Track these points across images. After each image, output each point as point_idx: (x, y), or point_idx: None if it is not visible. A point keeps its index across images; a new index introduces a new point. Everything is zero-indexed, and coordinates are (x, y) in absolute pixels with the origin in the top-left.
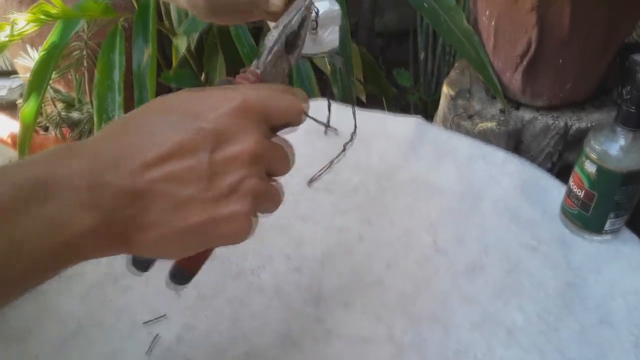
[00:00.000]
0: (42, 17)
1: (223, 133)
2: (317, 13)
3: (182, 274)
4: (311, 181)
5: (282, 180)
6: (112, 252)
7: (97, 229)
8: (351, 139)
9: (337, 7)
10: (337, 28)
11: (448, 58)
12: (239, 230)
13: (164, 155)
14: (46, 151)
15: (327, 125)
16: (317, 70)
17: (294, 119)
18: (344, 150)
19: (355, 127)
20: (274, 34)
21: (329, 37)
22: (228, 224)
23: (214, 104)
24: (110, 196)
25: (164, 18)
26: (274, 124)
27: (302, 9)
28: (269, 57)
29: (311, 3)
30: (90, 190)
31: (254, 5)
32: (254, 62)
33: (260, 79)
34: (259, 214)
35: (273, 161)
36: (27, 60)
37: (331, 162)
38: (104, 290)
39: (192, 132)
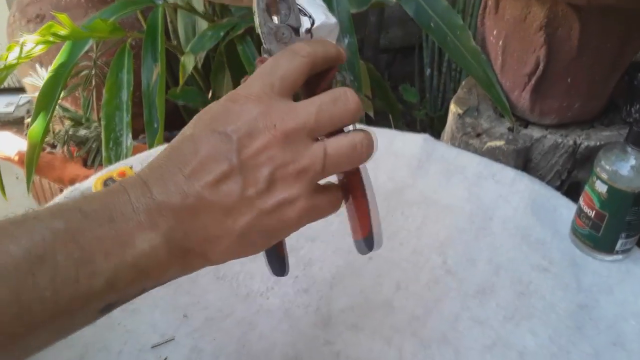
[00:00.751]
0: (51, 38)
1: (243, 129)
2: (312, 24)
3: (367, 242)
4: None
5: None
6: (186, 268)
7: (160, 248)
8: None
9: (333, 20)
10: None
11: (454, 74)
12: (301, 212)
13: (198, 168)
14: (101, 190)
15: None
16: None
17: (314, 64)
18: None
19: None
20: (255, 18)
21: None
22: (283, 211)
23: (226, 107)
24: (166, 215)
25: (172, 37)
26: (290, 87)
27: None
28: (265, 39)
29: None
30: (148, 213)
31: None
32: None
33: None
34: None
35: (318, 124)
36: (36, 79)
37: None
38: (112, 313)
39: (216, 140)
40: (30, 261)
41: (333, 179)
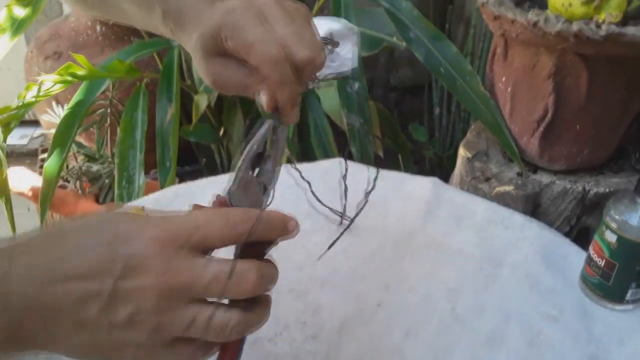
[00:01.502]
0: (69, 78)
1: (134, 261)
2: (331, 33)
3: None
4: (319, 258)
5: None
6: (23, 351)
7: (5, 329)
8: (363, 206)
9: (352, 26)
10: (354, 47)
11: (463, 114)
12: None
13: (72, 274)
14: None
15: (341, 216)
16: (335, 127)
17: (245, 241)
18: (355, 216)
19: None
20: (239, 162)
21: (346, 55)
22: (122, 351)
23: (136, 230)
24: (16, 304)
25: (186, 76)
26: (207, 248)
27: (263, 132)
28: (235, 183)
29: (273, 125)
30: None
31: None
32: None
33: (223, 203)
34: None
35: (204, 289)
36: (52, 117)
37: (341, 234)
38: None
39: (105, 256)
40: None
41: None
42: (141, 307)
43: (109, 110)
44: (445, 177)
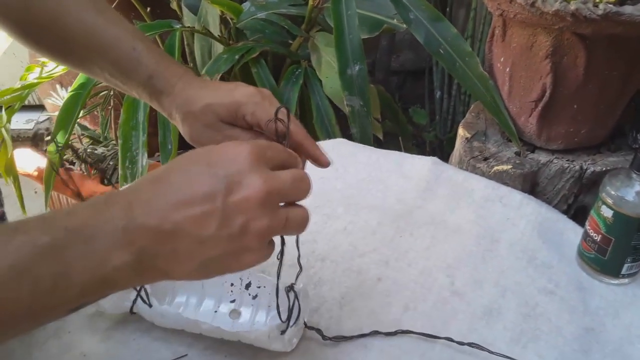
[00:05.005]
0: None
1: (235, 177)
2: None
3: None
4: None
5: None
6: (147, 280)
7: (131, 264)
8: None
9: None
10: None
11: (463, 97)
12: (252, 261)
13: (186, 201)
14: (91, 200)
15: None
16: (338, 109)
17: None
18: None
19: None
20: None
21: None
22: (242, 256)
23: (227, 154)
24: (142, 236)
25: (188, 59)
26: (277, 166)
27: None
28: None
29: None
30: (125, 232)
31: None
32: None
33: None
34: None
35: (287, 193)
36: (56, 99)
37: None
38: (126, 328)
39: (209, 180)
40: (12, 277)
41: None
42: (251, 215)
43: (111, 93)
44: (446, 159)
